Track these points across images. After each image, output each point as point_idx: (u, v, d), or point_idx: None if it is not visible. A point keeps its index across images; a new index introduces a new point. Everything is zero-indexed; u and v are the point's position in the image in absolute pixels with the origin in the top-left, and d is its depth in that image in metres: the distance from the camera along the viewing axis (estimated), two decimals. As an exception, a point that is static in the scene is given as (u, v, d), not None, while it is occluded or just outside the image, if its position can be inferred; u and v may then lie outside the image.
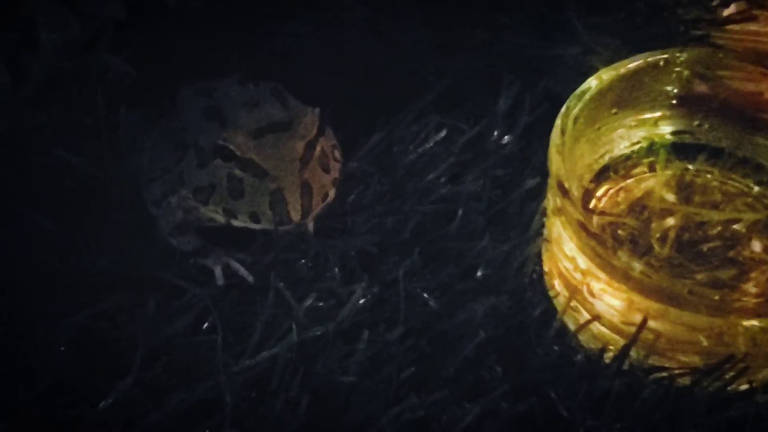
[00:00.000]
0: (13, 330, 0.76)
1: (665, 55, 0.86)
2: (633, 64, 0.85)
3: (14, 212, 0.80)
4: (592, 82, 0.84)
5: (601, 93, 0.84)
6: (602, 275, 0.77)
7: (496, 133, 0.88)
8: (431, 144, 0.87)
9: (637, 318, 0.77)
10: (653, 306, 0.76)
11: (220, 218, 0.79)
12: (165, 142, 0.83)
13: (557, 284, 0.81)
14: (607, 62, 0.87)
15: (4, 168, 0.80)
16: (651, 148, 0.88)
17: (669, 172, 0.88)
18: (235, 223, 0.79)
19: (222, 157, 0.77)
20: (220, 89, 0.83)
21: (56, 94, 0.79)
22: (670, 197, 0.86)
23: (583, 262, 0.78)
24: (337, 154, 0.81)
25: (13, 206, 0.80)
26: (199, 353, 0.76)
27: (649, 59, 0.86)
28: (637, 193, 0.87)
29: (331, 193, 0.79)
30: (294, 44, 0.90)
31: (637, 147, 0.88)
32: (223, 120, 0.79)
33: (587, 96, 0.83)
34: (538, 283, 0.82)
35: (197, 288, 0.78)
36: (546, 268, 0.83)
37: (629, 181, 0.87)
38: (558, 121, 0.82)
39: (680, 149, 0.89)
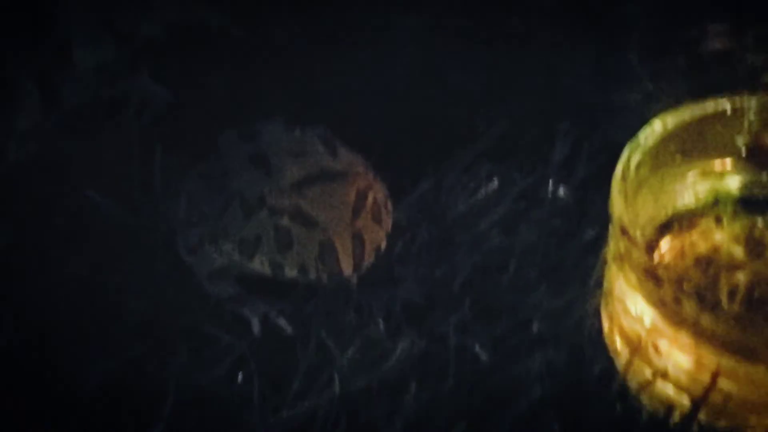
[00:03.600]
0: (41, 375, 0.74)
1: (733, 102, 0.82)
2: (698, 109, 0.82)
3: (44, 255, 0.79)
4: (656, 126, 0.80)
5: (665, 139, 0.80)
6: (668, 329, 0.73)
7: (551, 183, 0.85)
8: (482, 194, 0.84)
9: (706, 377, 0.72)
10: (724, 362, 0.71)
11: (267, 272, 0.77)
12: (204, 187, 0.81)
13: (618, 340, 0.77)
14: (670, 110, 0.83)
15: (34, 208, 0.78)
16: (717, 202, 0.84)
17: (736, 227, 0.83)
18: (283, 276, 0.76)
19: (269, 209, 0.75)
20: (265, 134, 0.81)
21: (89, 122, 0.76)
22: (739, 252, 0.82)
23: (646, 314, 0.74)
24: (389, 205, 0.80)
25: (42, 248, 0.79)
26: (233, 405, 0.73)
27: (716, 105, 0.82)
28: (703, 247, 0.83)
29: (383, 246, 0.77)
30: (341, 84, 0.88)
31: (702, 199, 0.84)
32: (269, 168, 0.77)
33: (650, 141, 0.79)
34: (597, 338, 0.78)
35: (232, 337, 0.76)
36: (606, 324, 0.79)
37: (694, 234, 0.83)
38: (619, 166, 0.78)
39: (748, 203, 0.84)
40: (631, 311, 0.76)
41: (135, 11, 0.73)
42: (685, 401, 0.74)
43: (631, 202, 0.77)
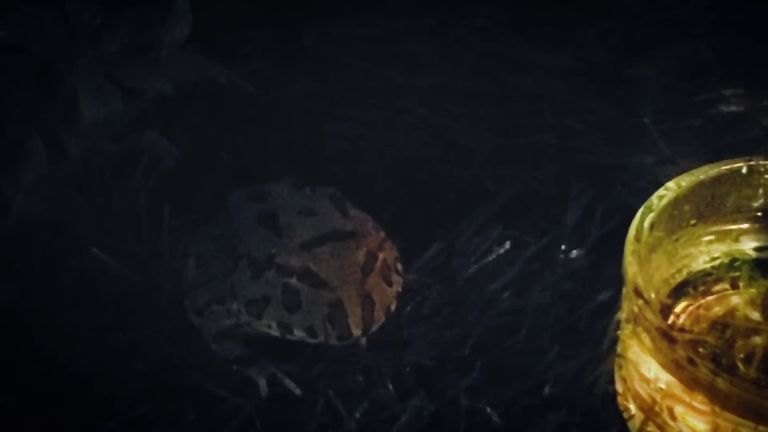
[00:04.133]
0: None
1: (747, 165, 0.81)
2: (713, 171, 0.80)
3: (48, 313, 0.77)
4: (670, 188, 0.79)
5: (679, 201, 0.79)
6: (683, 393, 0.71)
7: (563, 247, 0.84)
8: (494, 256, 0.83)
9: (723, 443, 0.71)
10: (741, 427, 0.70)
11: (275, 333, 0.75)
12: (212, 246, 0.80)
13: (632, 404, 0.76)
14: (684, 172, 0.82)
15: (39, 265, 0.77)
16: (733, 264, 0.83)
17: (753, 290, 0.82)
18: (291, 338, 0.75)
19: (277, 268, 0.74)
20: (275, 193, 0.80)
21: (96, 178, 0.75)
22: (755, 316, 0.80)
23: (661, 377, 0.72)
24: (400, 267, 0.78)
25: (47, 307, 0.77)
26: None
27: (731, 167, 0.81)
28: (719, 310, 0.81)
29: (393, 307, 0.76)
30: (349, 146, 0.87)
31: (717, 262, 0.83)
32: (279, 228, 0.76)
33: (664, 201, 0.78)
34: (610, 402, 0.77)
35: (239, 398, 0.74)
36: (619, 388, 0.77)
37: (710, 298, 0.82)
38: (633, 227, 0.77)
39: (764, 265, 0.83)
40: (645, 375, 0.74)
41: (143, 66, 0.72)
42: (701, 468, 0.72)
43: (645, 263, 0.76)
